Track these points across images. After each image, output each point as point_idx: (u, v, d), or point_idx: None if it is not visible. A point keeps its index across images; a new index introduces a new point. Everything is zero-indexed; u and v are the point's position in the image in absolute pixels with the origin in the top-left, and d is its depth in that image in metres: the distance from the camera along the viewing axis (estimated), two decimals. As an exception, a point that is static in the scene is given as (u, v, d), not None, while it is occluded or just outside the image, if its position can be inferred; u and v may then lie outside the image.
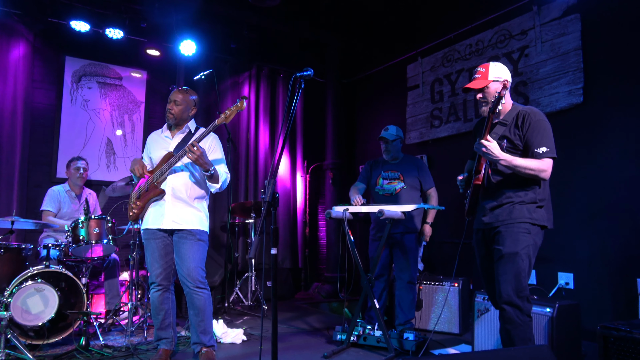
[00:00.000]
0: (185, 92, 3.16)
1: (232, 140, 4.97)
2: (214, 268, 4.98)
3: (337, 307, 5.43)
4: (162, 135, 3.22)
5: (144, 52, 5.50)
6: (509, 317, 2.41)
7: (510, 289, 2.40)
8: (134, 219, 3.14)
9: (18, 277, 3.47)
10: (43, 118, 5.21)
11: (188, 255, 3.00)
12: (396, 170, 3.94)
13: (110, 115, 5.54)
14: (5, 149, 4.87)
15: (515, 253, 2.42)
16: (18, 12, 4.81)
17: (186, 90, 3.17)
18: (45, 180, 5.11)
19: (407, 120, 5.56)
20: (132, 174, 3.12)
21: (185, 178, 3.08)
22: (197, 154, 2.83)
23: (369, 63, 6.38)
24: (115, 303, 4.24)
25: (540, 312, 2.90)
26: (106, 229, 3.86)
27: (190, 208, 3.06)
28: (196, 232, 3.04)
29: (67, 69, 5.33)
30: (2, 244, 3.63)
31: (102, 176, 5.42)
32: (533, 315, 2.53)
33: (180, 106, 3.12)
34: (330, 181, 6.42)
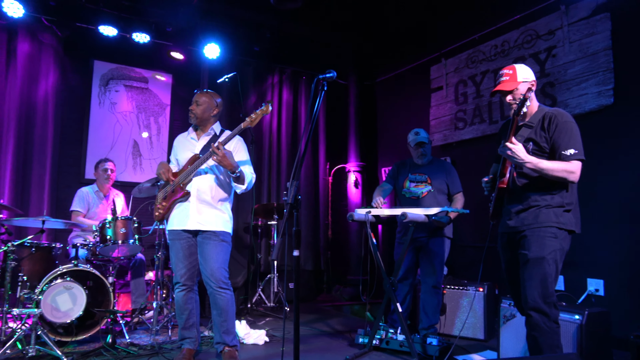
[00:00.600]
0: (207, 94, 3.22)
1: (255, 142, 5.02)
2: (237, 269, 5.03)
3: (359, 310, 5.42)
4: (188, 137, 3.28)
5: (169, 55, 5.60)
6: (535, 324, 2.36)
7: (537, 295, 2.35)
8: (159, 220, 3.21)
9: (48, 275, 3.58)
10: (72, 120, 5.37)
11: (211, 256, 3.04)
12: (424, 173, 3.90)
13: (136, 118, 5.67)
14: (37, 151, 5.03)
15: (541, 258, 2.37)
16: (48, 17, 4.96)
17: (207, 92, 3.23)
18: (74, 181, 5.25)
19: (430, 122, 5.52)
20: (159, 177, 3.18)
21: (210, 180, 3.13)
22: (221, 156, 2.87)
23: (392, 65, 6.35)
24: (141, 302, 4.33)
25: (569, 319, 2.83)
26: (132, 229, 3.94)
27: (214, 210, 3.11)
28: (220, 233, 3.09)
29: (96, 73, 5.47)
30: (34, 243, 3.76)
31: (128, 177, 5.54)
32: (561, 323, 2.47)
33: (201, 106, 3.18)
34: (352, 183, 6.41)
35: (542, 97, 4.22)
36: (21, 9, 4.67)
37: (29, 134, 5.02)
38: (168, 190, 3.15)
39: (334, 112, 6.81)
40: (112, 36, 5.16)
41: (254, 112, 2.91)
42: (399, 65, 6.21)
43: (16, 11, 4.66)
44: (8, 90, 4.91)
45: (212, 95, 3.24)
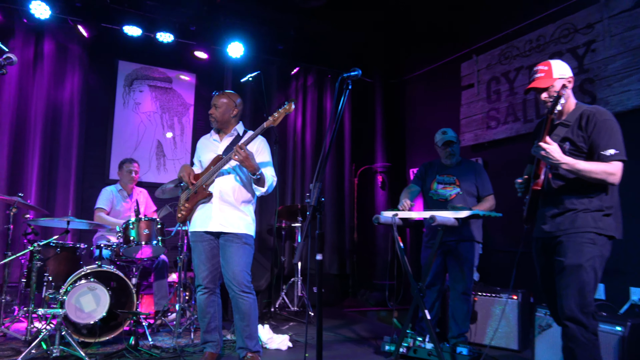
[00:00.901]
0: (225, 95, 3.25)
1: (279, 142, 5.05)
2: (260, 272, 5.06)
3: (386, 316, 5.38)
4: (211, 139, 3.32)
5: (193, 55, 5.69)
6: (572, 335, 2.29)
7: (574, 304, 2.28)
8: (182, 221, 3.26)
9: (72, 275, 3.68)
10: (97, 121, 5.52)
11: (234, 259, 3.07)
12: (452, 175, 3.84)
13: (160, 118, 5.78)
14: (63, 151, 5.19)
15: (578, 265, 2.30)
16: (74, 18, 5.11)
17: (225, 93, 3.26)
18: (99, 182, 5.39)
19: (460, 121, 5.44)
20: (180, 180, 3.23)
21: (233, 181, 3.16)
22: (243, 156, 2.89)
23: (420, 62, 6.28)
24: (164, 304, 4.41)
25: (610, 330, 2.74)
26: (155, 230, 4.02)
27: (237, 211, 3.14)
28: (242, 235, 3.11)
29: (120, 73, 5.61)
30: (59, 243, 3.88)
31: (152, 178, 5.65)
32: (601, 334, 2.40)
33: (220, 109, 3.21)
34: (379, 184, 6.37)
35: (580, 94, 4.10)
36: (48, 10, 4.82)
37: (55, 134, 5.18)
38: (191, 191, 3.20)
39: (360, 112, 6.79)
40: (136, 36, 5.28)
41: (277, 111, 2.92)
42: (427, 62, 6.15)
43: (43, 12, 4.82)
44: (35, 91, 5.08)
45: (230, 95, 3.26)
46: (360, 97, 6.77)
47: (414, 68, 6.41)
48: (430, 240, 3.85)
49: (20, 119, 5.01)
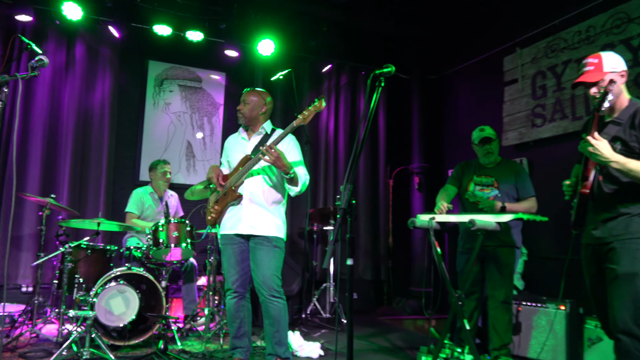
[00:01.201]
0: (254, 92, 3.28)
1: (311, 142, 5.07)
2: (291, 276, 5.09)
3: (423, 326, 5.31)
4: (239, 138, 3.36)
5: (223, 53, 5.79)
6: (625, 349, 2.20)
7: (627, 316, 2.19)
8: (211, 224, 3.31)
9: (103, 277, 3.80)
10: (127, 121, 5.69)
11: (264, 262, 3.09)
12: (490, 176, 3.75)
13: (190, 118, 5.91)
14: (94, 152, 5.37)
15: (633, 274, 2.20)
16: (104, 18, 5.29)
17: (255, 90, 3.30)
18: (129, 183, 5.56)
19: (503, 119, 5.32)
20: (209, 181, 3.28)
21: (263, 182, 3.19)
22: (274, 157, 2.91)
23: (459, 57, 6.18)
24: (192, 308, 4.49)
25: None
26: (185, 232, 4.10)
27: (267, 213, 3.16)
28: (272, 238, 3.13)
29: (150, 73, 5.78)
30: (90, 245, 4.01)
31: (182, 179, 5.78)
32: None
33: (249, 105, 3.24)
34: (416, 186, 6.31)
35: (635, 88, 3.94)
36: (79, 11, 5.00)
37: (87, 136, 5.37)
38: (220, 193, 3.25)
39: (396, 110, 6.74)
40: (166, 35, 5.41)
41: (306, 109, 2.92)
42: (467, 56, 6.04)
43: (75, 13, 5.00)
44: (67, 93, 5.28)
45: (260, 93, 3.29)
46: (396, 94, 6.72)
47: (453, 63, 6.32)
48: (465, 244, 3.77)
49: (53, 120, 5.22)
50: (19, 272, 4.88)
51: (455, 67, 6.27)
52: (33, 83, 5.10)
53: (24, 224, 4.93)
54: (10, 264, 4.86)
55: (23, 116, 5.01)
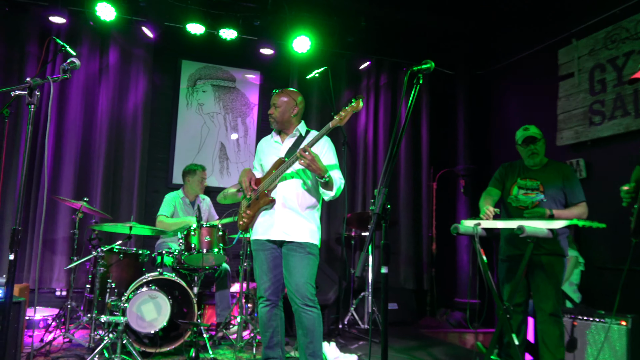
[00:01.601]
0: (284, 93, 3.29)
1: (348, 144, 5.07)
2: (327, 284, 5.10)
3: (469, 340, 5.21)
4: (272, 140, 3.39)
5: (257, 52, 5.88)
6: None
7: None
8: (243, 229, 3.35)
9: (134, 282, 3.92)
10: (160, 123, 5.86)
11: (297, 269, 3.11)
12: (535, 179, 3.63)
13: (223, 119, 6.02)
14: (127, 155, 5.55)
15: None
16: (138, 18, 5.47)
17: (285, 91, 3.31)
18: (162, 187, 5.72)
19: (557, 117, 5.17)
20: (240, 185, 3.32)
21: (297, 186, 3.21)
22: (308, 160, 2.91)
23: (509, 50, 6.05)
24: (225, 316, 4.57)
25: None
26: (217, 237, 4.18)
27: (301, 218, 3.18)
28: (306, 245, 3.15)
29: (184, 73, 5.93)
30: (122, 249, 4.15)
31: (215, 182, 5.89)
32: None
33: (280, 108, 3.26)
34: (461, 190, 6.20)
35: None
36: (113, 11, 5.19)
37: (120, 138, 5.55)
38: (252, 197, 3.29)
39: (440, 108, 6.66)
40: (199, 34, 5.54)
41: (343, 109, 2.92)
42: (517, 50, 5.90)
43: (108, 14, 5.19)
44: (101, 94, 5.48)
45: (290, 93, 3.31)
46: (440, 91, 6.63)
47: (502, 57, 6.18)
48: (506, 252, 3.68)
49: (87, 123, 5.43)
50: (54, 276, 5.09)
51: (505, 62, 6.14)
52: (67, 86, 5.33)
53: (58, 227, 5.14)
54: (45, 268, 5.09)
55: (57, 119, 5.23)
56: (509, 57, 6.05)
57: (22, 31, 5.24)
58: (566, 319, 3.82)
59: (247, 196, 3.27)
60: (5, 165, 4.84)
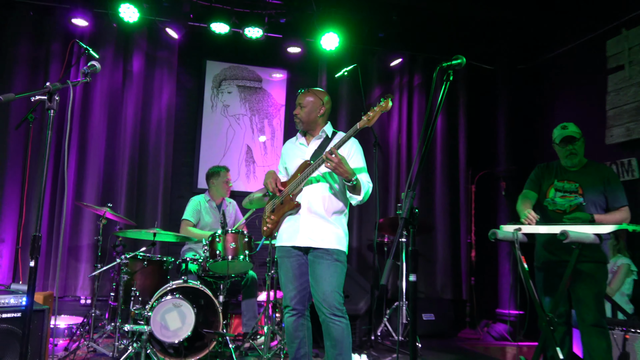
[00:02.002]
0: (310, 93, 3.31)
1: (380, 145, 5.06)
2: (358, 293, 5.10)
3: (511, 353, 5.12)
4: (297, 143, 3.42)
5: (284, 50, 5.93)
6: None
7: None
8: (267, 235, 3.38)
9: (159, 291, 4.01)
10: (185, 126, 5.98)
11: (324, 277, 3.11)
12: (574, 181, 3.54)
13: (250, 121, 6.09)
14: (151, 159, 5.68)
15: None
16: (161, 19, 5.59)
17: (311, 91, 3.33)
18: (187, 191, 5.83)
19: (607, 112, 5.04)
20: (265, 187, 3.36)
21: (323, 190, 3.22)
22: (335, 162, 2.92)
23: (553, 42, 5.93)
24: (252, 325, 4.61)
25: None
26: (243, 244, 4.23)
27: (327, 224, 3.19)
28: (333, 251, 3.15)
29: (208, 74, 6.03)
30: (146, 256, 4.24)
31: (242, 186, 5.97)
32: None
33: (306, 108, 3.28)
34: (502, 193, 6.11)
35: None
36: (136, 12, 5.33)
37: (144, 142, 5.69)
38: (276, 202, 3.32)
39: (478, 106, 6.57)
40: (224, 33, 5.63)
41: (371, 109, 2.92)
42: (562, 41, 5.78)
43: (132, 15, 5.33)
44: (125, 98, 5.64)
45: (316, 93, 3.32)
46: (478, 87, 6.55)
47: (545, 50, 6.07)
48: (541, 259, 3.59)
49: (111, 127, 5.58)
50: (78, 284, 5.25)
51: (548, 54, 6.02)
52: (91, 89, 5.50)
53: (83, 234, 5.30)
54: (70, 275, 5.25)
55: (80, 123, 5.40)
56: (554, 50, 5.93)
57: (46, 33, 5.43)
58: (617, 332, 3.72)
59: (277, 195, 3.30)
60: (31, 172, 5.02)
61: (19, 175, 5.13)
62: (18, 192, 5.07)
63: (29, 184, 4.92)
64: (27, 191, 4.85)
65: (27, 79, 5.33)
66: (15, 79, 5.27)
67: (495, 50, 6.41)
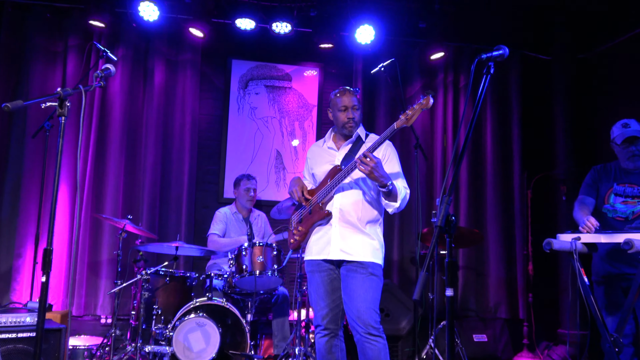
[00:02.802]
0: (357, 93, 3.36)
1: (422, 147, 5.01)
2: (400, 312, 5.06)
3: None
4: (325, 146, 3.44)
5: (315, 46, 5.96)
6: None
7: None
8: (295, 248, 3.41)
9: (182, 309, 4.08)
10: (210, 131, 6.07)
11: (358, 293, 3.12)
12: (635, 184, 3.44)
13: (279, 124, 6.15)
14: (175, 167, 5.79)
15: None
16: (183, 16, 5.72)
17: (355, 91, 3.37)
18: (213, 201, 5.91)
19: (681, 105, 4.87)
20: (291, 195, 3.39)
21: (356, 197, 3.23)
22: (370, 166, 2.93)
23: (618, 27, 5.78)
24: (284, 347, 4.64)
25: None
26: (272, 257, 4.27)
27: (361, 234, 3.20)
28: (368, 264, 3.16)
29: (234, 74, 6.12)
30: (168, 272, 4.33)
31: (271, 195, 6.02)
32: None
33: (359, 110, 3.34)
34: (563, 198, 5.97)
35: None
36: (156, 10, 5.47)
37: (167, 149, 5.80)
38: (304, 211, 3.34)
39: (534, 101, 6.45)
40: (250, 30, 5.71)
41: (410, 108, 2.94)
42: (629, 26, 5.63)
43: (152, 14, 5.47)
44: (146, 104, 5.77)
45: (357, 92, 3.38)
46: (533, 81, 6.43)
47: (609, 36, 5.92)
48: (600, 272, 3.50)
49: (131, 134, 5.72)
50: (98, 302, 5.38)
51: (613, 41, 5.87)
52: (109, 94, 5.65)
53: (103, 249, 5.44)
54: (89, 293, 5.39)
55: (98, 131, 5.56)
56: (619, 35, 5.78)
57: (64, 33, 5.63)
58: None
59: (302, 204, 3.33)
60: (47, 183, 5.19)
61: (37, 187, 5.31)
62: (36, 205, 5.25)
63: (45, 197, 5.09)
64: (43, 203, 5.03)
65: (46, 80, 5.53)
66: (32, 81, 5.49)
67: (552, 39, 6.29)
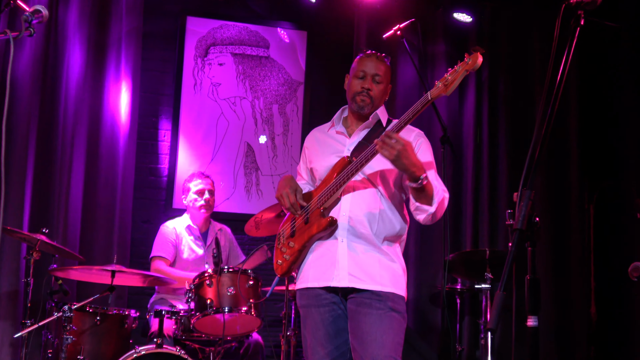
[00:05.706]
0: (386, 62, 3.28)
1: (450, 141, 4.97)
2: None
3: None
4: (332, 131, 3.36)
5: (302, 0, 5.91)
6: None
7: None
8: (283, 273, 3.30)
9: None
10: (154, 116, 5.98)
11: (374, 337, 3.05)
12: None
13: (251, 107, 6.08)
14: (104, 166, 5.63)
15: None
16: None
17: (385, 58, 3.29)
18: (157, 213, 5.81)
19: None
20: (279, 202, 3.28)
21: (371, 200, 3.16)
22: (397, 148, 2.78)
23: None
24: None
25: None
26: (246, 289, 4.20)
27: (376, 254, 3.13)
28: (387, 295, 3.09)
29: (189, 38, 6.03)
30: (98, 308, 4.21)
31: (239, 207, 5.94)
32: None
33: (381, 84, 3.23)
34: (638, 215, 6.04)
35: None
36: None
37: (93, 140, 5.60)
38: (298, 221, 3.26)
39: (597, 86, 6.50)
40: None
41: (450, 72, 2.85)
42: None
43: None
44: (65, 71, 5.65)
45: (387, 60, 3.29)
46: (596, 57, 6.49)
47: None
48: None
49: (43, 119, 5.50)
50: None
51: None
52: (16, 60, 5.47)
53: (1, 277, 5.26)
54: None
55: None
56: None
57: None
58: None
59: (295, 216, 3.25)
60: None
61: None
62: None
63: None
64: None
65: None
66: None
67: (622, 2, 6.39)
